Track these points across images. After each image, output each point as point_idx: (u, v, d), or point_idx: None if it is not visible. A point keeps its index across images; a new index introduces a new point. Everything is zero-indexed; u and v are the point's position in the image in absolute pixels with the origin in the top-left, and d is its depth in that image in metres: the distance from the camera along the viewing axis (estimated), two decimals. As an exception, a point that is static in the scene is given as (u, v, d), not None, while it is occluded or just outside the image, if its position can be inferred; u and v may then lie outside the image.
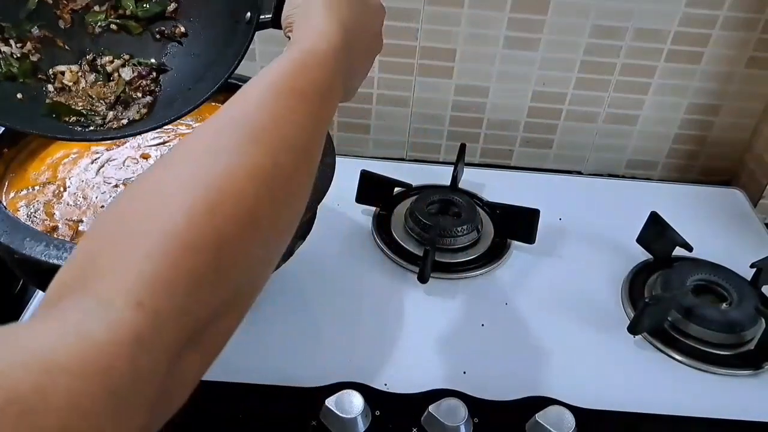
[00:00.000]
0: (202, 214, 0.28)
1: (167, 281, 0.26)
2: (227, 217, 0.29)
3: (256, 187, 0.31)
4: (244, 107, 0.35)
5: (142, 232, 0.27)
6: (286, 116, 0.35)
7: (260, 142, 0.33)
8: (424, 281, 0.70)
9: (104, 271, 0.26)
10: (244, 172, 0.31)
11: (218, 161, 0.31)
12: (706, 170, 0.98)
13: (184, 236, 0.27)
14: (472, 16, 0.84)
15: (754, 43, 0.86)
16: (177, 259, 0.26)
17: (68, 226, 0.57)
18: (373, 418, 0.56)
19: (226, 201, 0.29)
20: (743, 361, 0.66)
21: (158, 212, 0.28)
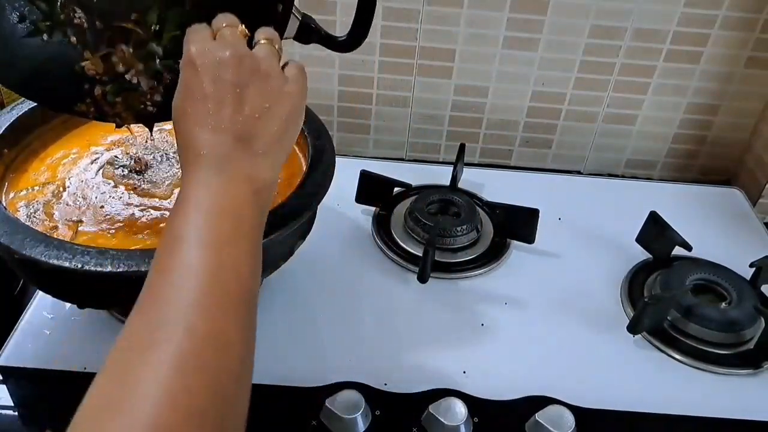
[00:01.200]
0: (158, 427, 0.30)
1: None
2: (188, 422, 0.31)
3: (214, 363, 0.33)
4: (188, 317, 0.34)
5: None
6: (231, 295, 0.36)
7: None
8: (424, 281, 0.70)
9: None
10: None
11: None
12: (705, 170, 0.98)
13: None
14: (471, 17, 0.84)
15: (753, 43, 0.86)
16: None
17: (68, 226, 0.57)
18: (373, 418, 0.56)
19: (179, 413, 0.31)
20: (743, 360, 0.66)
21: (122, 428, 0.29)
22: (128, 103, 0.52)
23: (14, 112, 0.64)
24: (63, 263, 0.48)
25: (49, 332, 0.64)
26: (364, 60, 0.88)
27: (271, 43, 0.44)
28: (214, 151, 0.40)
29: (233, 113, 0.41)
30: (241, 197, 0.39)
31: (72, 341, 0.63)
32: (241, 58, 0.41)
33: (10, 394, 0.59)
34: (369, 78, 0.90)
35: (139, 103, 0.52)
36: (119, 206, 0.60)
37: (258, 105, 0.41)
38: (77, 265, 0.48)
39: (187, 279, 0.35)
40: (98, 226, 0.57)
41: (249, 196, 0.40)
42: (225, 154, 0.40)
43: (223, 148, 0.40)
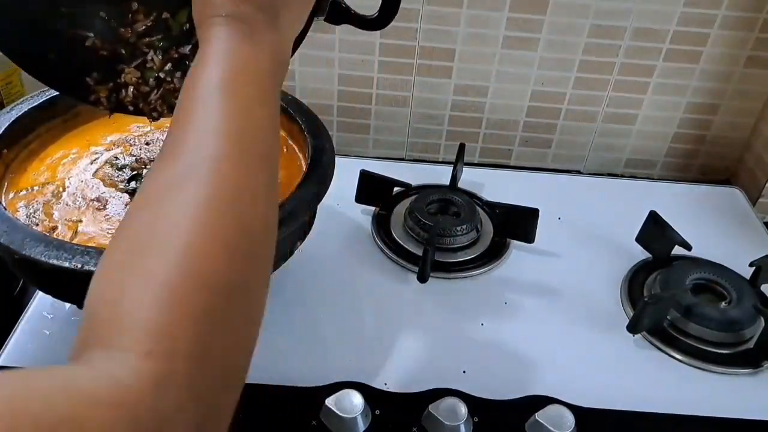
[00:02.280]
0: (194, 260, 0.30)
1: (167, 328, 0.28)
2: (217, 259, 0.31)
3: (242, 209, 0.33)
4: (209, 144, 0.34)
5: (142, 286, 0.29)
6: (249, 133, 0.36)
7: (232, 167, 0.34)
8: (424, 281, 0.70)
9: (117, 327, 0.28)
10: (229, 210, 0.32)
11: (201, 195, 0.32)
12: (705, 169, 0.98)
13: (177, 285, 0.29)
14: (471, 16, 0.84)
15: (753, 43, 0.86)
16: (174, 306, 0.29)
17: (67, 226, 0.57)
18: (373, 418, 0.56)
19: (210, 246, 0.31)
20: (742, 359, 0.66)
21: (152, 264, 0.30)
22: (164, 98, 0.52)
23: (14, 112, 0.64)
24: (63, 263, 0.48)
25: (49, 332, 0.64)
26: (364, 60, 0.88)
27: None
28: (239, 14, 0.38)
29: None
30: (262, 65, 0.38)
31: (72, 341, 0.63)
32: None
33: (10, 394, 0.58)
34: (369, 78, 0.90)
35: (173, 97, 0.52)
36: (119, 206, 0.60)
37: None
38: (77, 265, 0.48)
39: (210, 133, 0.34)
40: (98, 226, 0.58)
41: (268, 66, 0.39)
42: (250, 19, 0.38)
43: (248, 14, 0.39)
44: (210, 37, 0.38)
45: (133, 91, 0.51)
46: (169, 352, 0.27)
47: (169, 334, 0.28)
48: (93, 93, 0.52)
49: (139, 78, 0.51)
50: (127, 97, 0.51)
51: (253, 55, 0.38)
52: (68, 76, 0.51)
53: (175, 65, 0.50)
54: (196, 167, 0.33)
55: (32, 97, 0.66)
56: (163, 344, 0.27)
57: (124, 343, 0.27)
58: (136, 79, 0.51)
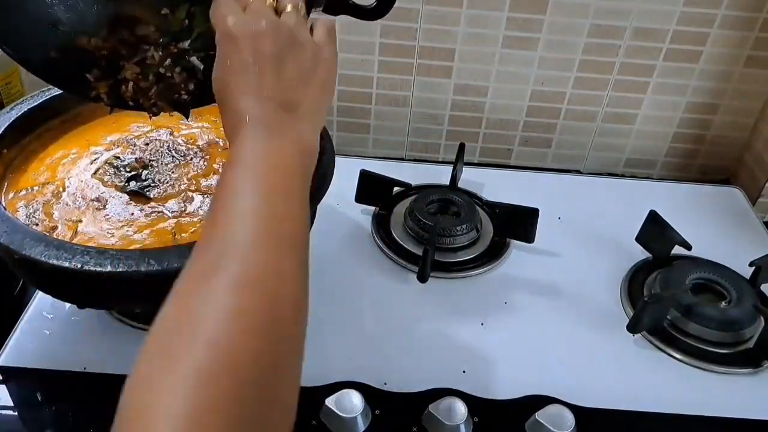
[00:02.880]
0: (221, 345, 0.30)
1: (199, 415, 0.28)
2: (244, 342, 0.31)
3: (269, 292, 0.34)
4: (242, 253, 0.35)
5: (169, 372, 0.29)
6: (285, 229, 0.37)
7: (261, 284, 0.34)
8: (424, 280, 0.70)
9: (148, 413, 0.28)
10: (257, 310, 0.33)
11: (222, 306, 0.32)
12: (704, 169, 0.98)
13: (205, 372, 0.29)
14: (471, 16, 0.84)
15: (753, 42, 0.86)
16: (203, 393, 0.29)
17: (67, 226, 0.57)
18: (373, 418, 0.56)
19: (239, 330, 0.31)
20: (742, 359, 0.66)
21: (180, 353, 0.30)
22: (164, 93, 0.52)
23: (14, 112, 0.64)
24: (62, 263, 0.48)
25: (49, 332, 0.64)
26: (364, 59, 0.88)
27: (297, 10, 0.45)
28: (259, 116, 0.41)
29: (276, 82, 0.42)
30: (288, 156, 0.40)
31: (72, 341, 0.63)
32: (277, 28, 0.43)
33: (10, 394, 0.59)
34: (368, 77, 0.90)
35: (173, 92, 0.52)
36: (119, 206, 0.60)
37: (298, 73, 0.43)
38: (77, 265, 0.48)
39: (242, 224, 0.35)
40: (98, 226, 0.57)
41: (296, 157, 0.41)
42: (270, 118, 0.41)
43: (268, 114, 0.41)
44: (240, 139, 0.40)
45: (133, 87, 0.51)
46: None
47: (200, 422, 0.28)
48: (93, 89, 0.52)
49: (139, 74, 0.51)
50: (127, 93, 0.52)
51: (278, 149, 0.40)
52: (68, 73, 0.51)
53: (174, 60, 0.50)
54: (225, 256, 0.34)
55: (32, 97, 0.66)
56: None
57: None
58: (136, 75, 0.51)
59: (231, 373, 0.29)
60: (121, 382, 0.30)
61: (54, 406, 0.57)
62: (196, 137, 0.69)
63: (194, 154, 0.66)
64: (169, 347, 0.31)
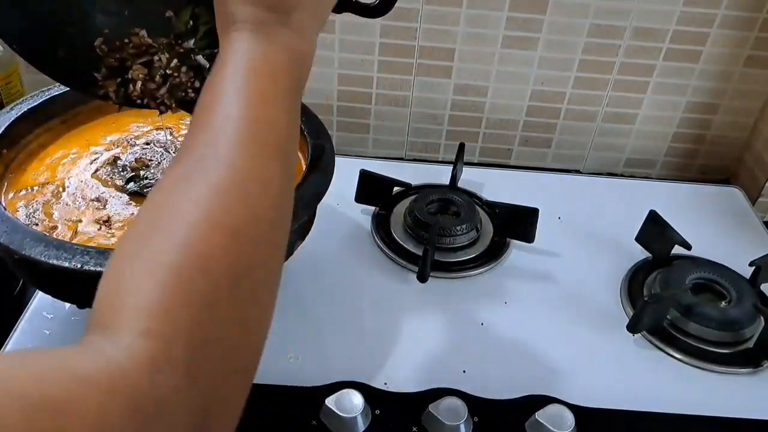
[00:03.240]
0: (197, 243, 0.30)
1: (166, 308, 0.28)
2: (221, 243, 0.31)
3: (251, 196, 0.33)
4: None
5: (145, 268, 0.29)
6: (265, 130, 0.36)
7: (248, 153, 0.34)
8: (424, 280, 0.70)
9: (117, 307, 0.29)
10: (234, 191, 0.32)
11: (206, 185, 0.32)
12: (704, 169, 0.98)
13: (179, 267, 0.29)
14: (470, 16, 0.84)
15: (752, 42, 0.86)
16: (175, 287, 0.28)
17: (67, 226, 0.57)
18: (373, 417, 0.56)
19: (216, 230, 0.31)
20: (742, 359, 0.66)
21: (156, 247, 0.30)
22: (171, 92, 0.52)
23: (14, 112, 0.64)
24: (62, 263, 0.48)
25: (49, 332, 0.64)
26: (364, 59, 0.88)
27: None
28: (249, 20, 0.40)
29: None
30: (277, 62, 0.39)
31: (72, 341, 0.62)
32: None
33: (10, 394, 0.58)
34: (368, 77, 0.90)
35: (180, 91, 0.52)
36: (119, 206, 0.60)
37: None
38: (77, 265, 0.48)
39: (226, 128, 0.35)
40: (98, 225, 0.57)
41: (285, 63, 0.40)
42: (260, 22, 0.40)
43: (257, 16, 0.40)
44: (227, 43, 0.40)
45: (141, 87, 0.51)
46: (167, 333, 0.27)
47: (168, 315, 0.27)
48: (101, 88, 0.52)
49: (146, 74, 0.51)
50: (134, 92, 0.52)
51: (268, 54, 0.39)
52: (77, 72, 0.51)
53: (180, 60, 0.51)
54: (207, 159, 0.33)
55: (32, 97, 0.66)
56: (161, 324, 0.27)
57: (121, 322, 0.27)
58: (143, 76, 0.51)
59: (204, 272, 0.29)
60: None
61: (54, 406, 0.57)
62: (196, 137, 0.69)
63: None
64: (144, 243, 0.30)
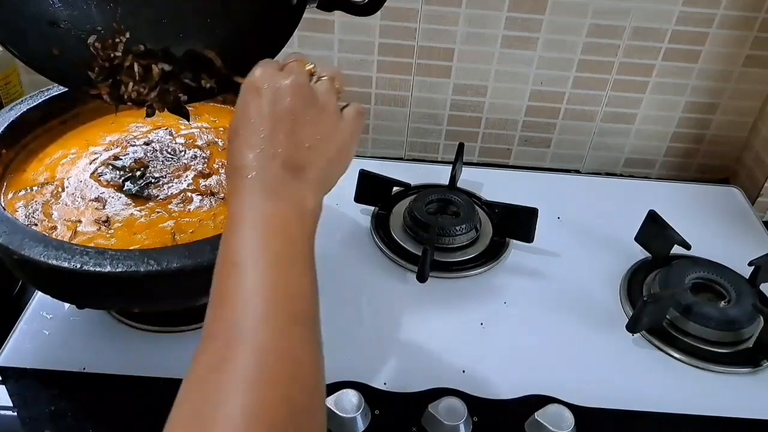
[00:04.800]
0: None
1: None
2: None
3: (286, 384, 0.34)
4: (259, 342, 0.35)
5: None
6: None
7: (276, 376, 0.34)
8: (423, 280, 0.70)
9: None
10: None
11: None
12: (704, 168, 0.98)
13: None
14: (470, 16, 0.84)
15: (752, 42, 0.86)
16: None
17: (66, 226, 0.57)
18: (372, 417, 0.56)
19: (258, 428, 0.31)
20: (742, 358, 0.66)
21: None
22: (161, 97, 0.53)
23: (13, 112, 0.64)
24: (62, 263, 0.48)
25: (49, 333, 0.64)
26: (363, 59, 0.88)
27: (332, 81, 0.45)
28: (262, 174, 0.40)
29: (285, 140, 0.41)
30: (288, 219, 0.40)
31: (71, 342, 0.63)
32: (301, 88, 0.42)
33: (10, 394, 0.58)
34: (367, 77, 0.90)
35: (171, 96, 0.53)
36: (118, 206, 0.60)
37: (310, 136, 0.42)
38: (76, 266, 0.48)
39: (249, 300, 0.35)
40: (97, 226, 0.57)
41: (296, 219, 0.40)
42: (272, 178, 0.40)
43: (270, 173, 0.40)
44: (236, 201, 0.40)
45: (133, 88, 0.52)
46: None
47: None
48: (95, 87, 0.52)
49: (135, 79, 0.51)
50: (126, 92, 0.52)
51: (279, 212, 0.39)
52: (71, 71, 0.51)
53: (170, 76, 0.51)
54: (236, 343, 0.34)
55: (31, 97, 0.66)
56: None
57: None
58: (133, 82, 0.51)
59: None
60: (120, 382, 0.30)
61: (53, 407, 0.57)
62: (196, 137, 0.69)
63: (193, 154, 0.66)
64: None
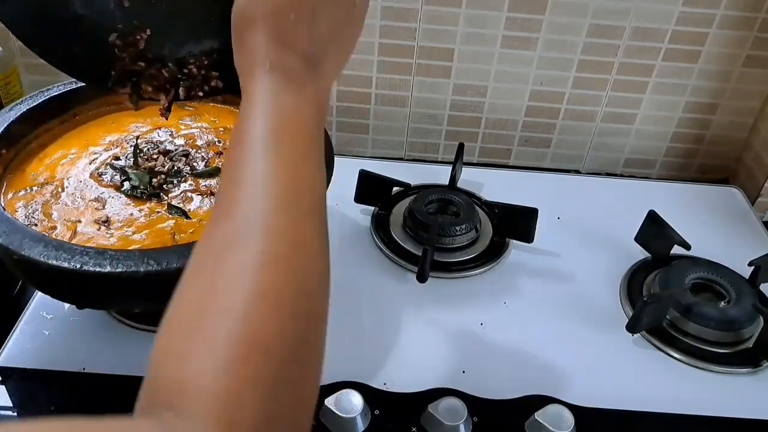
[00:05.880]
0: (253, 325, 0.30)
1: (233, 394, 0.28)
2: (276, 322, 0.31)
3: (297, 268, 0.33)
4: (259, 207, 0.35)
5: (206, 349, 0.30)
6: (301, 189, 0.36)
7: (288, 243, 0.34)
8: (423, 280, 0.70)
9: (183, 389, 0.29)
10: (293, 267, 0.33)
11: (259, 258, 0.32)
12: (703, 168, 0.98)
13: (239, 352, 0.29)
14: (470, 16, 0.84)
15: (752, 42, 0.86)
16: (238, 373, 0.29)
17: (66, 226, 0.57)
18: (372, 418, 0.56)
19: (270, 307, 0.31)
20: (741, 359, 0.66)
21: (212, 331, 0.30)
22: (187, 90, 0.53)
23: (13, 112, 0.64)
24: (62, 263, 0.48)
25: (48, 333, 0.64)
26: (363, 59, 0.88)
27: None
28: (282, 66, 0.38)
29: (308, 33, 0.39)
30: (309, 117, 0.39)
31: (71, 342, 0.63)
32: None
33: (10, 394, 0.59)
34: (367, 78, 0.90)
35: (192, 90, 0.53)
36: (118, 206, 0.60)
37: (329, 28, 0.40)
38: (76, 266, 0.48)
39: (262, 189, 0.34)
40: (97, 226, 0.57)
41: (315, 117, 0.39)
42: (294, 71, 0.39)
43: (291, 65, 0.39)
44: (254, 89, 0.38)
45: (154, 84, 0.52)
46: (237, 419, 0.28)
47: (236, 401, 0.28)
48: (118, 86, 0.52)
49: (156, 72, 0.52)
50: (146, 91, 0.52)
51: (297, 106, 0.38)
52: (92, 68, 0.51)
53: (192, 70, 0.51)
54: (248, 227, 0.33)
55: (31, 97, 0.66)
56: (230, 411, 0.28)
57: (192, 408, 0.28)
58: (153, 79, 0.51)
59: (263, 352, 0.29)
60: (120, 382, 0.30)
61: (53, 406, 0.57)
62: (196, 137, 0.69)
63: (193, 154, 0.66)
64: (200, 317, 0.31)
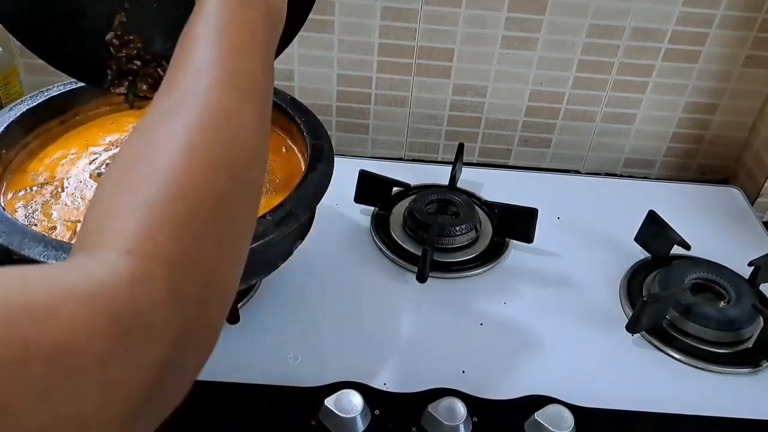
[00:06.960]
0: (176, 175, 0.31)
1: (148, 231, 0.29)
2: (199, 175, 0.32)
3: (228, 134, 0.34)
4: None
5: (128, 197, 0.31)
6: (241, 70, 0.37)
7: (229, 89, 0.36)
8: (423, 281, 0.70)
9: (101, 231, 0.30)
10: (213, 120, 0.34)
11: (189, 113, 0.34)
12: (703, 169, 0.98)
13: (158, 198, 0.30)
14: (470, 16, 0.84)
15: (751, 42, 0.86)
16: (155, 215, 0.30)
17: (66, 226, 0.57)
18: (372, 418, 0.56)
19: (196, 163, 0.32)
20: (741, 359, 0.66)
21: (137, 181, 0.32)
22: None
23: (13, 112, 0.64)
24: (62, 262, 0.48)
25: (48, 333, 0.64)
26: (363, 60, 0.88)
27: None
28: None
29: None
30: (256, 18, 0.40)
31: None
32: None
33: (9, 394, 0.58)
34: (367, 78, 0.90)
35: None
36: (118, 206, 0.60)
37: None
38: (76, 266, 0.48)
39: (204, 71, 0.36)
40: (97, 226, 0.57)
41: (263, 20, 0.41)
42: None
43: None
44: None
45: (149, 82, 0.52)
46: (148, 254, 0.28)
47: (150, 237, 0.29)
48: (112, 83, 0.53)
49: (152, 71, 0.52)
50: (141, 90, 0.52)
51: (243, 8, 0.40)
52: (89, 67, 0.51)
53: None
54: (187, 99, 0.35)
55: (31, 97, 0.66)
56: (143, 245, 0.29)
57: (104, 244, 0.29)
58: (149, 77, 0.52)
59: (184, 199, 0.31)
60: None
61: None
62: (195, 137, 0.69)
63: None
64: (127, 174, 0.32)
